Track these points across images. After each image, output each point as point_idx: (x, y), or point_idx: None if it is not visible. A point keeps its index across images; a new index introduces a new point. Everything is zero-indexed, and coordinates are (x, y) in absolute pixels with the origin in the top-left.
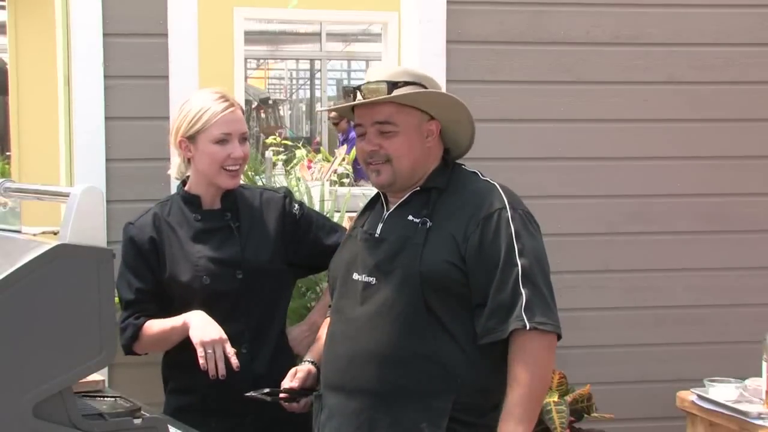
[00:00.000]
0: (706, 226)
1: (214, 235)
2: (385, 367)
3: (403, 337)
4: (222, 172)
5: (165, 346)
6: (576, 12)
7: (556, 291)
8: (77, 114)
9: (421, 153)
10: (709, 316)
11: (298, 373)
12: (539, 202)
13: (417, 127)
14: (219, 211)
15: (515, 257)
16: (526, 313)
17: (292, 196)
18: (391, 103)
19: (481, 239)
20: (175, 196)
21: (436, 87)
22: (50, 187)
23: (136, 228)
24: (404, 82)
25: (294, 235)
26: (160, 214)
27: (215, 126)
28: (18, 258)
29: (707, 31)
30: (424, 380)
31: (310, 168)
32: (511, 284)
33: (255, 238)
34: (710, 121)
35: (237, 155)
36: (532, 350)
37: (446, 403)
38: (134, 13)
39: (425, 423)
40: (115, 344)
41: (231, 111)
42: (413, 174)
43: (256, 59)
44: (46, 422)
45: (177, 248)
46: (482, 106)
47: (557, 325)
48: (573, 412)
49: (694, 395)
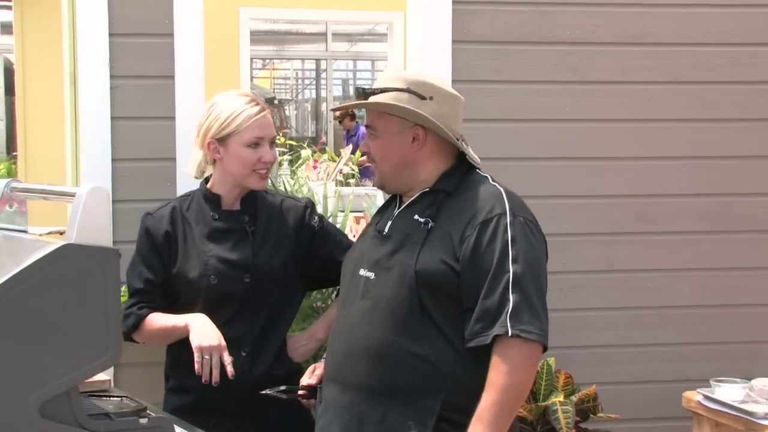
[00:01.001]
0: (711, 226)
1: (229, 236)
2: (376, 363)
3: (396, 334)
4: (253, 174)
5: (164, 341)
6: (581, 12)
7: (562, 291)
8: (83, 114)
9: (403, 157)
10: (715, 316)
11: (317, 369)
12: (543, 202)
13: (397, 132)
14: (237, 213)
15: (508, 263)
16: (510, 320)
17: (314, 207)
18: (374, 109)
19: (476, 243)
20: (196, 192)
21: (434, 92)
22: (56, 186)
23: (154, 219)
24: (383, 89)
25: (309, 247)
26: (179, 207)
27: (248, 130)
28: (24, 258)
29: (712, 31)
30: (414, 378)
31: (315, 168)
32: (500, 290)
33: (269, 244)
34: (715, 121)
35: (268, 159)
36: (512, 357)
37: (435, 403)
38: (140, 13)
39: (412, 421)
40: (121, 344)
41: (263, 115)
42: (400, 177)
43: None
44: (52, 422)
45: (190, 244)
46: (487, 105)
47: (543, 335)
48: (579, 412)
49: (700, 395)
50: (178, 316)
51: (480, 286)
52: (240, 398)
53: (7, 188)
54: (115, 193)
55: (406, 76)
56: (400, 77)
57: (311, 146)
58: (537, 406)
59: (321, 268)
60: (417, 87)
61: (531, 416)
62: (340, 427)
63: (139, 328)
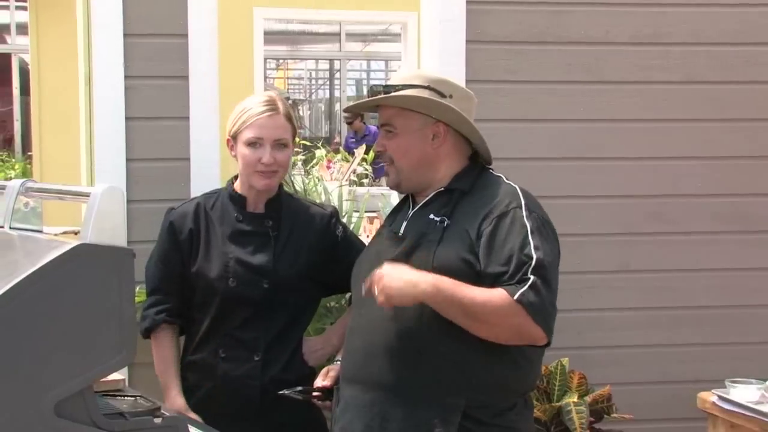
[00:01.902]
0: (725, 226)
1: (251, 239)
2: (399, 362)
3: (418, 332)
4: (254, 174)
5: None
6: (595, 12)
7: (577, 291)
8: (98, 114)
9: (423, 154)
10: (730, 317)
11: (330, 372)
12: (558, 202)
13: (418, 129)
14: (261, 216)
15: (530, 249)
16: (522, 292)
17: (339, 217)
18: (392, 105)
19: (494, 233)
20: (222, 191)
21: (451, 90)
22: (71, 186)
23: (178, 214)
24: (404, 86)
25: (331, 256)
26: (203, 204)
27: (248, 128)
28: (39, 257)
29: (727, 31)
30: (437, 376)
31: (329, 168)
32: (521, 272)
33: (290, 250)
34: (730, 120)
35: (265, 160)
36: (505, 313)
37: (459, 401)
38: (155, 14)
39: (437, 419)
40: (135, 344)
41: (268, 116)
42: (418, 175)
43: (276, 59)
44: (67, 421)
45: (212, 243)
46: (501, 105)
47: (549, 329)
48: (593, 412)
49: (714, 396)
50: (174, 379)
51: (502, 274)
52: (251, 402)
53: (23, 188)
54: (129, 193)
55: (425, 74)
56: (419, 75)
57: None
58: (551, 407)
59: (339, 278)
60: (437, 84)
61: (545, 416)
62: (363, 426)
63: (150, 336)
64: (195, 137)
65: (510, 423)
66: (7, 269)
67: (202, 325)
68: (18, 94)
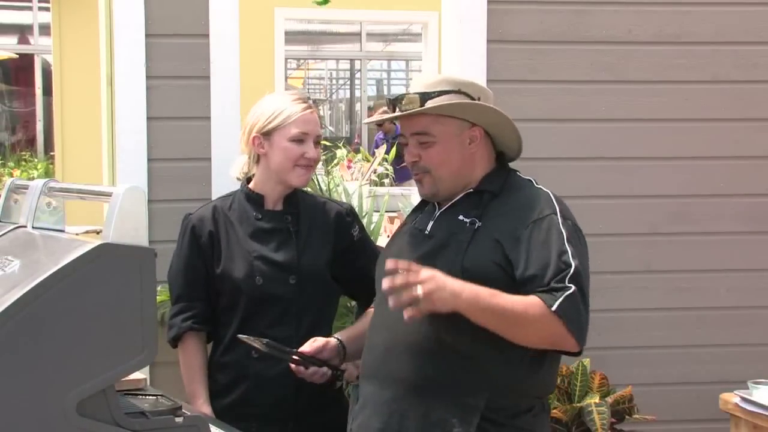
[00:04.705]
0: (749, 226)
1: (273, 236)
2: (420, 359)
3: (440, 330)
4: (295, 169)
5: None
6: (617, 11)
7: (599, 291)
8: (120, 114)
9: (462, 160)
10: (753, 318)
11: (316, 342)
12: (580, 202)
13: (456, 135)
14: (280, 213)
15: (569, 258)
16: (560, 303)
17: (355, 215)
18: (427, 113)
19: (530, 239)
20: (237, 192)
21: (479, 92)
22: (93, 186)
23: (196, 219)
24: (440, 92)
25: (345, 255)
26: (220, 207)
27: (294, 124)
28: (61, 257)
29: (751, 30)
30: (458, 376)
31: (349, 168)
32: (558, 279)
33: (312, 245)
34: (754, 120)
35: (311, 155)
36: (542, 325)
37: (479, 401)
38: (176, 14)
39: (456, 419)
40: (157, 343)
41: (310, 112)
42: (456, 181)
43: (297, 59)
44: (90, 420)
45: (234, 244)
46: (523, 105)
47: (583, 339)
48: (614, 413)
49: (737, 397)
50: (201, 387)
51: (538, 278)
52: (284, 402)
53: (45, 188)
54: (151, 192)
55: (451, 78)
56: (445, 80)
57: (346, 146)
58: (572, 407)
59: (349, 278)
60: (466, 88)
61: (566, 417)
62: (381, 423)
63: (176, 345)
64: (216, 137)
65: (526, 425)
66: (29, 269)
67: (231, 327)
68: (41, 94)
